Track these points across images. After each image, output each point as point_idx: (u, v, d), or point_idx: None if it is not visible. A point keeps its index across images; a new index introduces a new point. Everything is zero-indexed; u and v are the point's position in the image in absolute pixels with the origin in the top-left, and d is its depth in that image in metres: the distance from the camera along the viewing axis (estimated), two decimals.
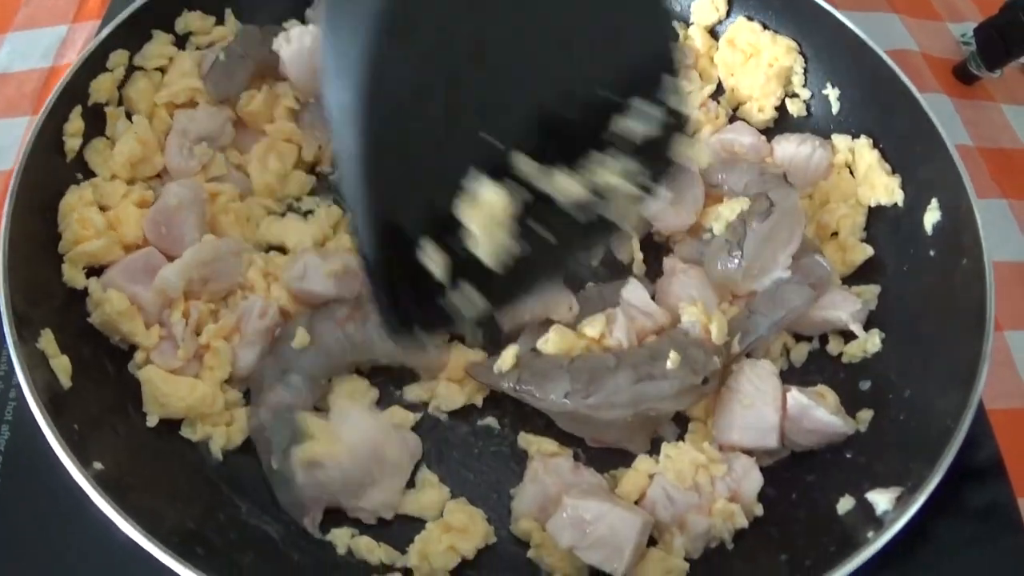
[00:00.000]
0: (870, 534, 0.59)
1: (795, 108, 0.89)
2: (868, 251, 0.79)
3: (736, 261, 0.74)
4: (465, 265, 0.51)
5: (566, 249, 0.55)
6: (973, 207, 0.71)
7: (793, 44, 0.88)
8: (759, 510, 0.67)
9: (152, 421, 0.66)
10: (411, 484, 0.69)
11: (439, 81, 0.49)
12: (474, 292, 0.53)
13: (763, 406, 0.69)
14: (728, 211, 0.76)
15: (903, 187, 0.79)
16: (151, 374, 0.66)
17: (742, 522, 0.65)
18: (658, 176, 0.55)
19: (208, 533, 0.60)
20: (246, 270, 0.73)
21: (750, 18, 0.90)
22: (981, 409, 0.78)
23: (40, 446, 0.61)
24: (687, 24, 0.94)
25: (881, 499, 0.62)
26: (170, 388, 0.66)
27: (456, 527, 0.64)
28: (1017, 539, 0.72)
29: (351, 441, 0.64)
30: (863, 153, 0.82)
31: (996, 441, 0.77)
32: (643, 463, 0.69)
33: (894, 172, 0.80)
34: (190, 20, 0.82)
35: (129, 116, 0.77)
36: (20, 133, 0.92)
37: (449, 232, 0.50)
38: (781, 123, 0.90)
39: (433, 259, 0.50)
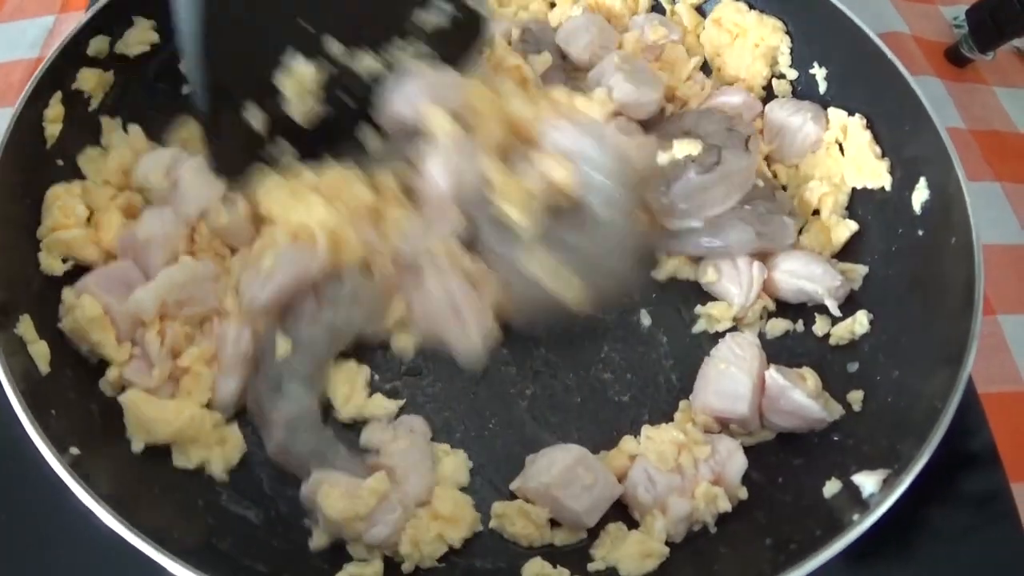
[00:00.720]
0: (855, 516, 0.58)
1: (781, 88, 0.88)
2: (852, 226, 0.79)
3: (660, 198, 0.75)
4: (280, 123, 0.68)
5: (362, 111, 0.71)
6: (962, 185, 0.70)
7: (779, 23, 0.87)
8: (743, 494, 0.66)
9: (137, 447, 0.63)
10: None
11: None
12: (287, 144, 0.70)
13: (738, 372, 0.68)
14: (681, 149, 0.76)
15: (891, 168, 0.78)
16: (134, 398, 0.64)
17: (725, 506, 0.64)
18: (447, 60, 0.73)
19: (186, 519, 0.60)
20: (223, 296, 0.70)
21: None
22: (974, 394, 0.78)
23: (17, 433, 0.61)
24: (674, 1, 0.93)
25: (868, 481, 0.61)
26: (155, 412, 0.64)
27: (444, 515, 0.63)
28: (1010, 525, 0.71)
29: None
30: (856, 132, 0.81)
31: (989, 426, 0.76)
32: (626, 443, 0.68)
33: (884, 155, 0.79)
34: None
35: (125, 127, 0.77)
36: (3, 125, 0.92)
37: (268, 96, 0.66)
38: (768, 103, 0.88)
39: (255, 117, 0.67)
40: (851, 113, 0.82)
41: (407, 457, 0.65)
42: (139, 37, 0.78)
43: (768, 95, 0.89)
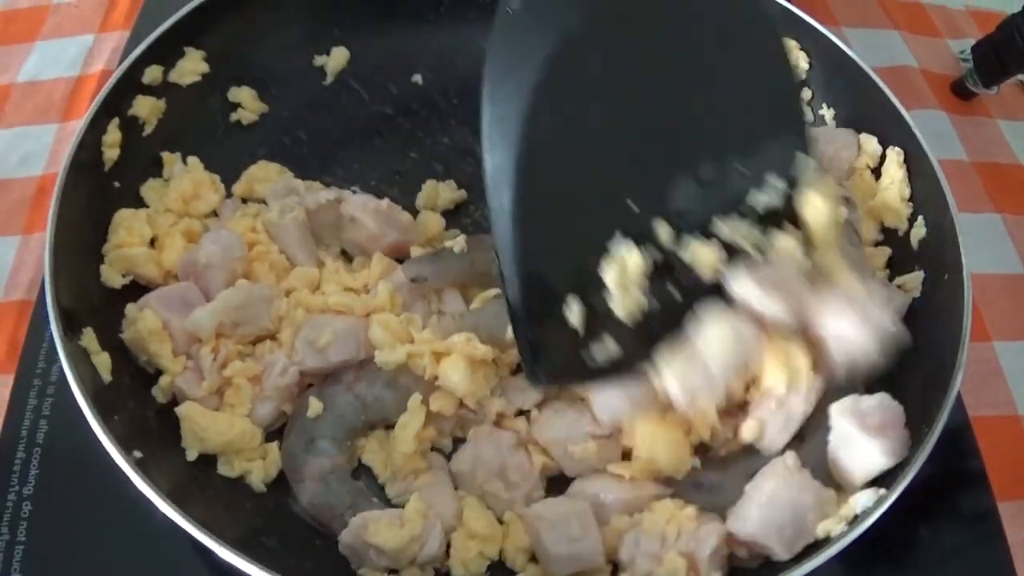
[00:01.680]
0: (841, 530, 0.61)
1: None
2: (886, 251, 0.81)
3: None
4: (601, 319, 0.57)
5: (690, 305, 0.60)
6: (955, 225, 0.74)
7: (794, 42, 0.89)
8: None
9: (191, 456, 0.68)
10: None
11: (588, 148, 0.55)
12: (613, 343, 0.58)
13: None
14: None
15: None
16: (190, 410, 0.69)
17: None
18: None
19: (235, 518, 0.65)
20: (276, 320, 0.75)
21: None
22: (965, 417, 0.82)
23: (80, 436, 0.65)
24: None
25: (863, 497, 0.64)
26: (209, 423, 0.69)
27: (481, 534, 0.67)
28: (998, 546, 0.75)
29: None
30: (891, 168, 0.82)
31: (980, 449, 0.80)
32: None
33: (910, 199, 0.81)
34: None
35: (184, 159, 0.83)
36: (49, 140, 0.97)
37: (590, 289, 0.56)
38: None
39: (575, 313, 0.56)
40: (887, 145, 0.83)
41: (432, 490, 0.69)
42: (191, 67, 0.84)
43: None
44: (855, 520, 0.62)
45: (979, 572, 0.75)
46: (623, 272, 0.55)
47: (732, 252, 0.60)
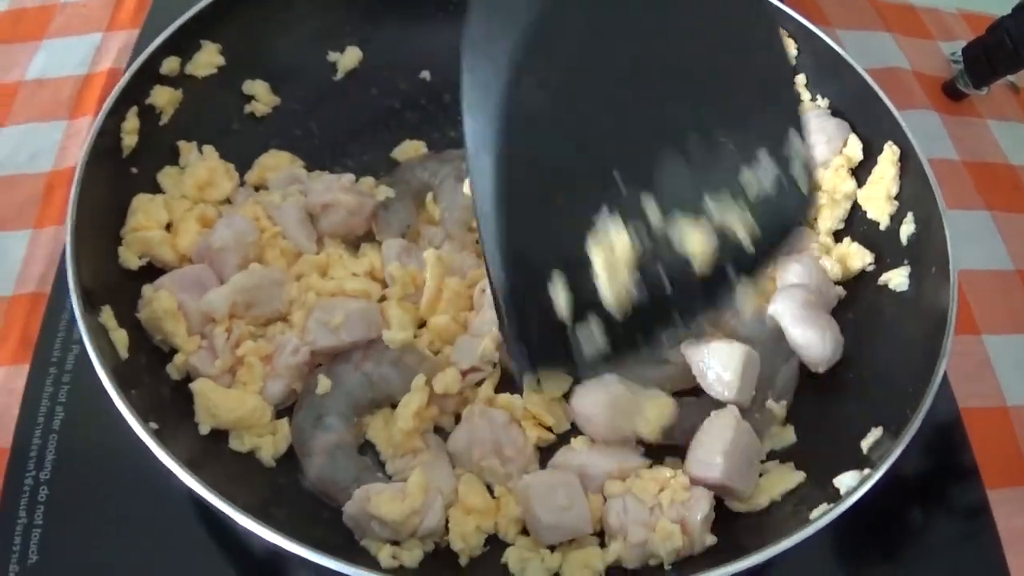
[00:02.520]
0: (819, 512, 0.63)
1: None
2: (867, 257, 0.83)
3: None
4: (588, 306, 0.52)
5: (682, 302, 0.54)
6: (943, 221, 0.77)
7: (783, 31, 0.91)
8: (710, 540, 0.68)
9: (204, 430, 0.71)
10: None
11: (572, 117, 0.51)
12: (599, 328, 0.52)
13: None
14: None
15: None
16: (204, 387, 0.71)
17: (677, 544, 0.66)
18: (768, 239, 0.54)
19: (246, 490, 0.66)
20: (287, 303, 0.78)
21: None
22: (956, 410, 0.84)
23: (95, 421, 0.70)
24: None
25: (847, 479, 0.67)
26: (221, 400, 0.71)
27: (477, 508, 0.69)
28: (988, 534, 0.77)
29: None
30: (884, 164, 0.84)
31: (969, 440, 0.83)
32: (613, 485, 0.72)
33: (896, 198, 0.84)
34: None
35: (200, 148, 0.86)
36: (58, 137, 0.98)
37: (575, 269, 0.51)
38: None
39: (560, 294, 0.51)
40: (882, 142, 0.85)
41: (431, 467, 0.71)
42: (207, 60, 0.86)
43: None
44: (839, 499, 0.64)
45: (971, 561, 0.77)
46: (611, 252, 0.51)
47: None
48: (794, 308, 0.79)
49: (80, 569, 0.71)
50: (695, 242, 0.52)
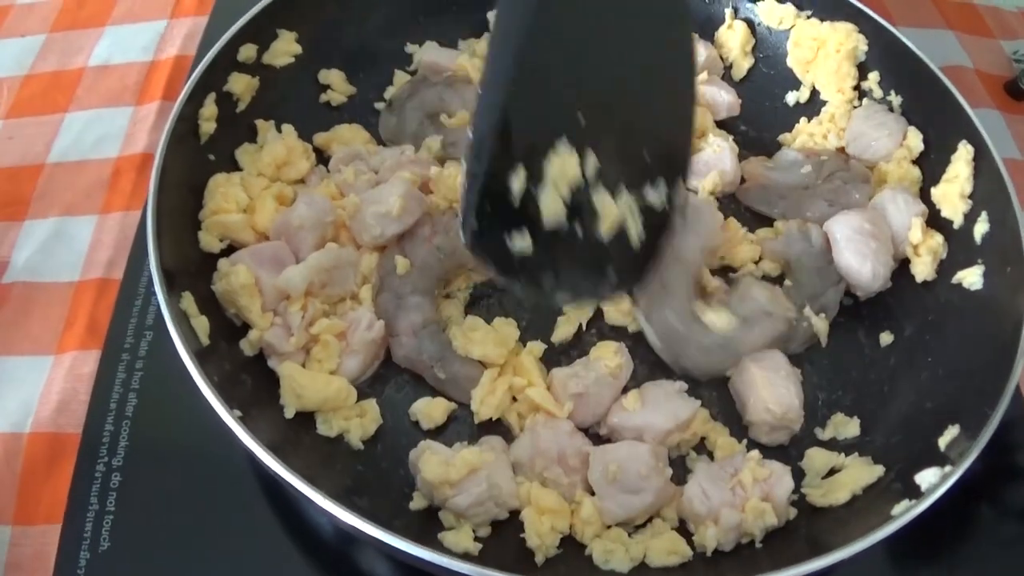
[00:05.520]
0: (897, 510, 0.64)
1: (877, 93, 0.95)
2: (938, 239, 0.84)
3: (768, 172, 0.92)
4: (528, 210, 0.64)
5: (587, 251, 0.66)
6: (1019, 219, 0.77)
7: (851, 26, 0.94)
8: (792, 513, 0.71)
9: (289, 413, 0.71)
10: None
11: (572, 55, 0.65)
12: (528, 239, 0.63)
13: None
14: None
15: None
16: (290, 369, 0.72)
17: (772, 521, 0.68)
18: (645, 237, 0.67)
19: (328, 477, 0.67)
20: (360, 282, 0.79)
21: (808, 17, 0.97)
22: (1020, 406, 0.82)
23: (169, 407, 0.72)
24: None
25: (927, 476, 0.66)
26: (307, 381, 0.72)
27: (550, 509, 0.69)
28: None
29: None
30: (958, 163, 0.84)
31: None
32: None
33: (970, 197, 0.84)
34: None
35: (279, 127, 0.87)
36: (124, 123, 0.99)
37: (532, 170, 0.63)
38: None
39: (517, 181, 0.63)
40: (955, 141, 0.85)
41: (493, 467, 0.70)
42: (284, 48, 0.87)
43: (860, 95, 0.95)
44: (921, 496, 0.64)
45: None
46: (562, 168, 0.63)
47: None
48: (847, 231, 0.82)
49: (152, 556, 0.71)
50: (607, 208, 0.64)
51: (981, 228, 0.81)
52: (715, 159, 0.92)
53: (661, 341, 0.79)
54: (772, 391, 0.75)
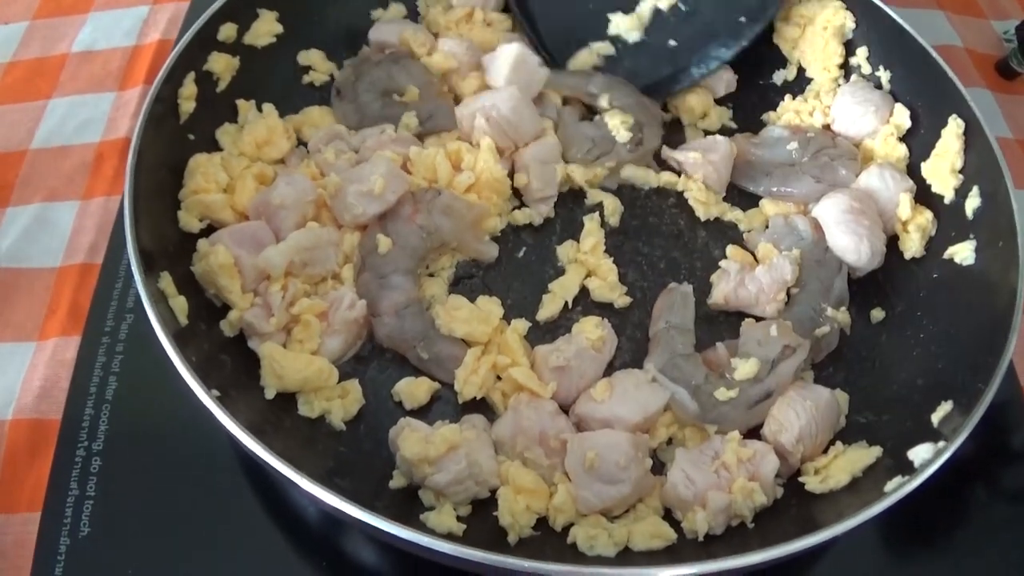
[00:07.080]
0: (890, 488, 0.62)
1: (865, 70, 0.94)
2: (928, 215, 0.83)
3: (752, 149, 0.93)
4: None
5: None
6: (1010, 194, 0.76)
7: (839, 3, 0.94)
8: (779, 492, 0.70)
9: (270, 394, 0.70)
10: None
11: None
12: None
13: None
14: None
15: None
16: (270, 349, 0.71)
17: (762, 500, 0.67)
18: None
19: (309, 458, 0.66)
20: (341, 262, 0.78)
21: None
22: (1017, 389, 0.83)
23: (150, 392, 0.71)
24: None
25: (920, 452, 0.65)
26: (288, 361, 0.71)
27: (527, 488, 0.68)
28: None
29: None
30: (950, 137, 0.83)
31: None
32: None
33: (961, 171, 0.83)
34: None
35: (259, 106, 0.86)
36: (107, 108, 0.99)
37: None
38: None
39: None
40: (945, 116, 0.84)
41: (474, 445, 0.69)
42: (265, 28, 0.86)
43: (847, 73, 0.95)
44: (914, 472, 0.63)
45: (1021, 545, 0.75)
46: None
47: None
48: (837, 213, 0.82)
49: (133, 542, 0.70)
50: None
51: (973, 203, 0.81)
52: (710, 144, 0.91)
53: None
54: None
